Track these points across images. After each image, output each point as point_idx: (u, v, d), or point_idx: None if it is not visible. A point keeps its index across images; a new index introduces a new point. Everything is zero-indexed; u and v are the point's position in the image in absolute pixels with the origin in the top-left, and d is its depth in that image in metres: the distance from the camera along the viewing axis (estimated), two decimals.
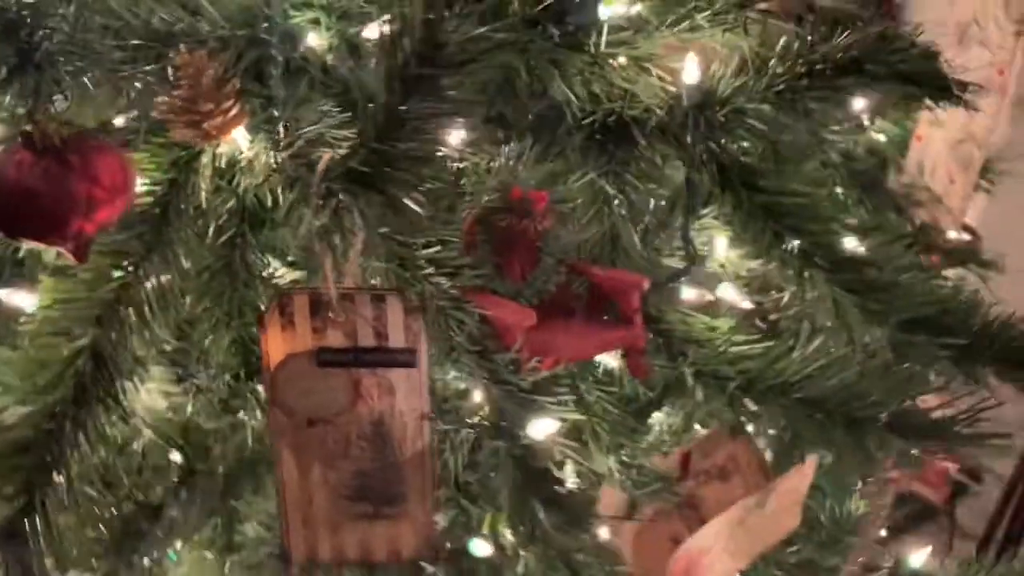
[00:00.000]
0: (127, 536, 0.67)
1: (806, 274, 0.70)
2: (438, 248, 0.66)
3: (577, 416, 0.65)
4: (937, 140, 0.92)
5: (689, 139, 0.67)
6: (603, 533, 0.93)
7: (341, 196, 0.52)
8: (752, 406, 0.68)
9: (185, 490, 0.67)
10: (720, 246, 0.80)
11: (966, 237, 1.16)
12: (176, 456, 0.68)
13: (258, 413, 0.68)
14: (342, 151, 0.52)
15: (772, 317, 0.78)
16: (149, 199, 0.67)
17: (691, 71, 0.65)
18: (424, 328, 0.59)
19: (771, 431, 0.76)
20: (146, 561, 0.71)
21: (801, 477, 0.98)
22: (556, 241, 0.73)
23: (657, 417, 0.91)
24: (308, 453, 0.62)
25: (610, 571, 0.71)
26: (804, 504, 1.14)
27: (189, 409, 0.67)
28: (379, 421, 0.62)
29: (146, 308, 0.65)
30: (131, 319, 0.64)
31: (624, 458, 0.80)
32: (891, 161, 0.93)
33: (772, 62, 0.63)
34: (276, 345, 0.59)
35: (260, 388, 0.67)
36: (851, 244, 0.89)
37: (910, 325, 0.69)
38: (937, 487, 1.34)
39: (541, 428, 0.70)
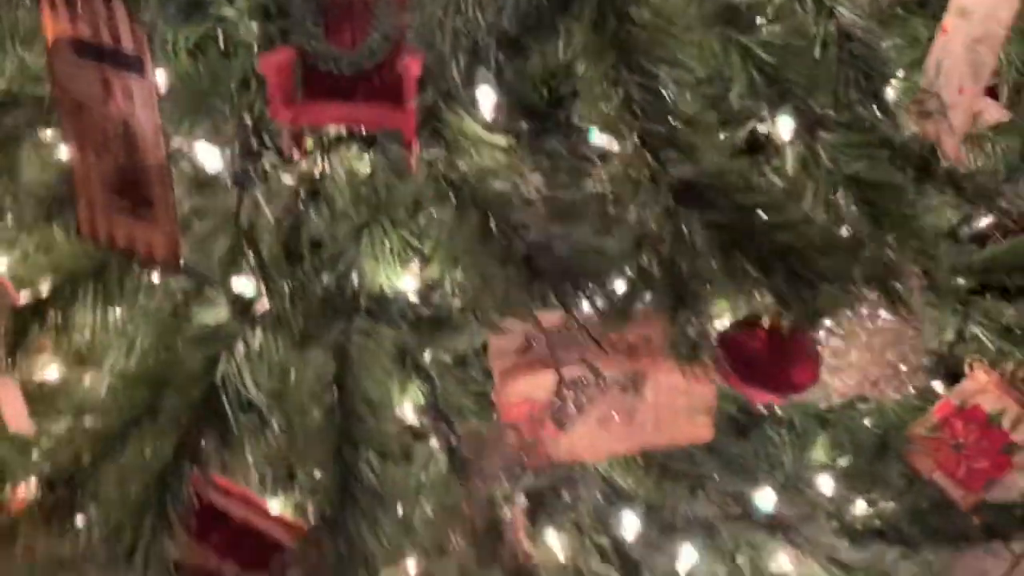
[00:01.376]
0: None
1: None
2: None
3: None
4: (961, 34, 0.72)
5: None
6: None
7: None
8: None
9: None
10: None
11: None
12: None
13: None
14: None
15: None
16: None
17: None
18: (147, 39, 0.63)
19: None
20: None
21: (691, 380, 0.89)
22: (390, 16, 0.71)
23: None
24: (82, 136, 0.70)
25: None
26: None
27: None
28: (126, 123, 0.68)
29: None
30: None
31: None
32: None
33: None
34: (49, 25, 0.66)
35: None
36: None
37: None
38: (967, 485, 1.11)
39: None
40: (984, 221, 1.29)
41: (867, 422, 1.11)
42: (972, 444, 1.11)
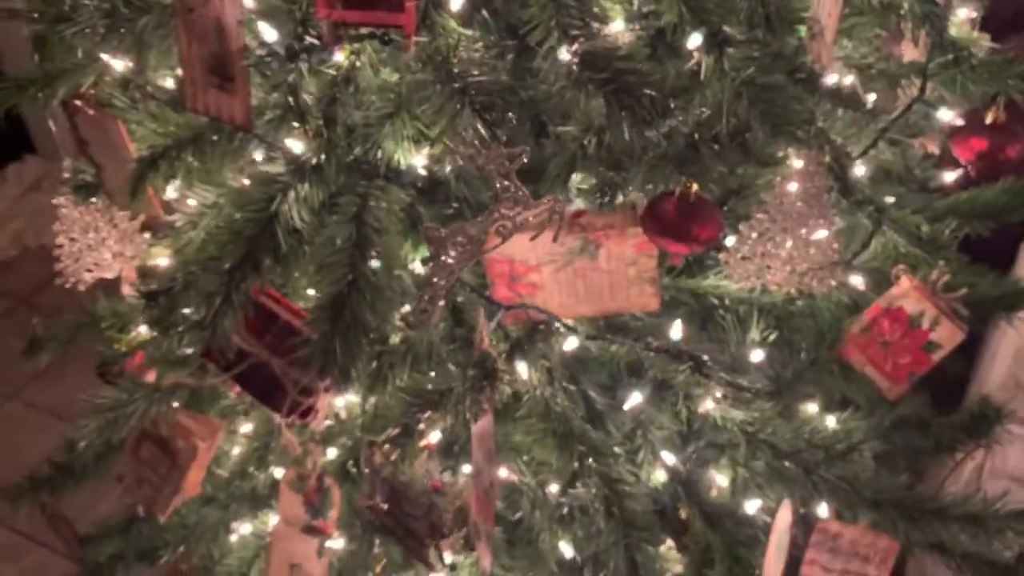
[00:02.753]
0: None
1: None
2: None
3: None
4: None
5: None
6: None
7: None
8: None
9: None
10: None
11: None
12: None
13: None
14: None
15: None
16: None
17: None
18: None
19: None
20: None
21: (636, 246, 1.14)
22: None
23: None
24: (190, 30, 1.01)
25: None
26: None
27: None
28: (218, 19, 0.98)
29: None
30: None
31: None
32: None
33: None
34: None
35: None
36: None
37: None
38: (893, 378, 1.30)
39: None
40: (950, 176, 1.50)
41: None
42: (897, 342, 1.30)
